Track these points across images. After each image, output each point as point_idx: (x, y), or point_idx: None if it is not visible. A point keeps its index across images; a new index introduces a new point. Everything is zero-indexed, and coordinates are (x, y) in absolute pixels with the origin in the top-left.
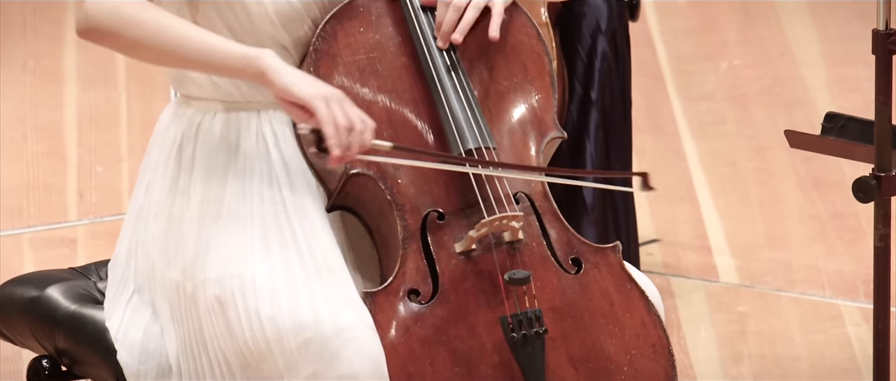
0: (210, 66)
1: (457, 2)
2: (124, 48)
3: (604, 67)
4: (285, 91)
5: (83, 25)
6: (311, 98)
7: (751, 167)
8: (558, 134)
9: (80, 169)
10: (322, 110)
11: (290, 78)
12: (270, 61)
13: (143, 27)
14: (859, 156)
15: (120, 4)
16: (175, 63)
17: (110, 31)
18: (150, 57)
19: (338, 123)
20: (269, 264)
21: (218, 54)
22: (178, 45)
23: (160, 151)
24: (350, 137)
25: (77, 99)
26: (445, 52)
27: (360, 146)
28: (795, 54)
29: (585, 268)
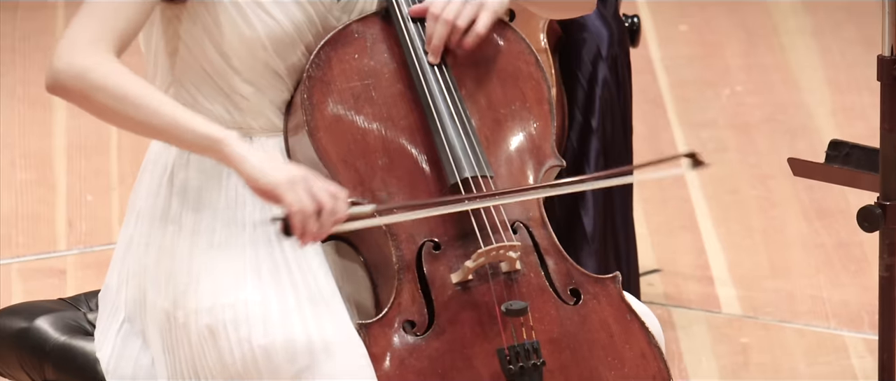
0: (176, 140)
1: (445, 15)
2: (91, 111)
3: (605, 94)
4: (249, 179)
5: (51, 83)
6: (276, 186)
7: (753, 196)
8: (557, 162)
9: (70, 197)
10: (288, 199)
11: (254, 166)
12: (234, 147)
13: (110, 94)
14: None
15: (89, 68)
16: (140, 132)
17: (77, 93)
18: (116, 123)
19: (305, 209)
20: (262, 293)
21: (184, 132)
22: (144, 117)
23: (151, 179)
24: (319, 220)
25: (66, 126)
26: (442, 80)
27: (334, 222)
28: (799, 81)
29: (584, 299)
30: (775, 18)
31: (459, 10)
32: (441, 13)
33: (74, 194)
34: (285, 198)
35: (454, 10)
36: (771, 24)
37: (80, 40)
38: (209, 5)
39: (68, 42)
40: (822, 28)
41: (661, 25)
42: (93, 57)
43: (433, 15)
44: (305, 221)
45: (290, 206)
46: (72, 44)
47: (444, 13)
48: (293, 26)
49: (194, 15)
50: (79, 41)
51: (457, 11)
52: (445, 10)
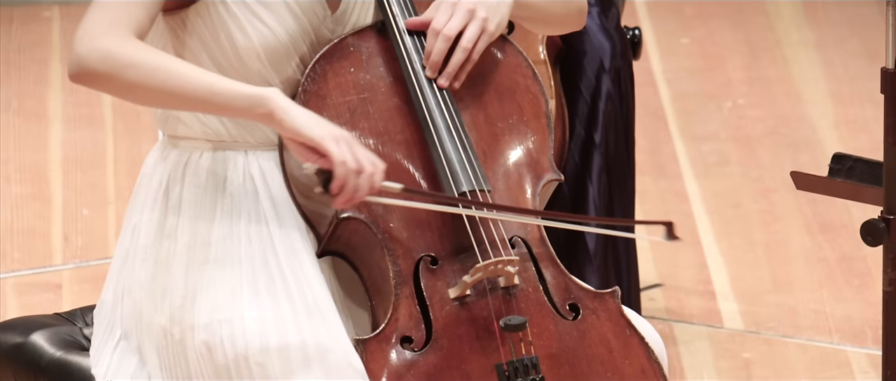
0: (214, 105)
1: (446, 32)
2: (120, 91)
3: (608, 109)
4: (295, 132)
5: (76, 69)
6: (322, 139)
7: (756, 209)
8: (555, 176)
9: (66, 212)
10: (334, 152)
11: (300, 118)
12: (279, 101)
13: (141, 69)
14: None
15: (114, 46)
16: (176, 104)
17: (105, 75)
18: (148, 99)
19: (348, 165)
20: (258, 308)
21: (223, 94)
22: (179, 86)
23: (147, 193)
24: (358, 180)
25: (62, 140)
26: (439, 93)
27: (369, 189)
28: (801, 93)
29: (583, 314)
30: (778, 31)
31: (461, 28)
32: (443, 29)
33: (70, 209)
34: (331, 151)
35: (456, 26)
36: (773, 36)
37: (99, 27)
38: (205, 15)
39: (86, 30)
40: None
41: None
42: (115, 38)
43: (434, 30)
44: (347, 176)
45: (334, 159)
46: (91, 31)
47: (446, 29)
48: (287, 35)
49: (191, 26)
50: (97, 27)
51: (459, 29)
52: (447, 27)
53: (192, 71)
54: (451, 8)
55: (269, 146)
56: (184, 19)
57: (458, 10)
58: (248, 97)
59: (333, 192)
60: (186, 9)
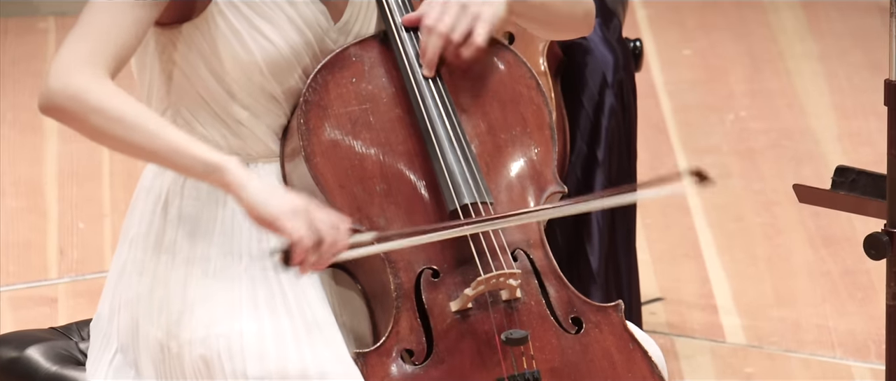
0: (174, 165)
1: (440, 28)
2: (85, 132)
3: (611, 125)
4: (249, 208)
5: (44, 102)
6: (275, 217)
7: (758, 223)
8: (558, 188)
9: (61, 225)
10: (288, 230)
11: (254, 194)
12: (235, 174)
13: (107, 116)
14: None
15: (84, 89)
16: (136, 156)
17: (71, 115)
18: (111, 145)
19: (304, 243)
20: (257, 322)
21: (182, 157)
22: (140, 140)
23: (144, 206)
24: (319, 252)
25: (58, 152)
26: (441, 104)
27: (332, 256)
28: (804, 106)
29: (586, 328)
30: (780, 43)
31: (454, 23)
32: (435, 26)
33: (66, 222)
34: (285, 229)
35: (449, 22)
36: (776, 48)
37: (75, 60)
38: (204, 30)
39: (62, 62)
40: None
41: (664, 50)
42: (88, 78)
43: (427, 27)
44: (305, 252)
45: (290, 237)
46: (66, 64)
47: (439, 26)
48: (290, 49)
49: (189, 40)
50: (73, 61)
51: (452, 24)
52: (440, 23)
53: (157, 127)
54: (443, 4)
55: (271, 158)
56: (180, 32)
57: (450, 6)
58: (205, 164)
59: (294, 266)
60: (186, 23)
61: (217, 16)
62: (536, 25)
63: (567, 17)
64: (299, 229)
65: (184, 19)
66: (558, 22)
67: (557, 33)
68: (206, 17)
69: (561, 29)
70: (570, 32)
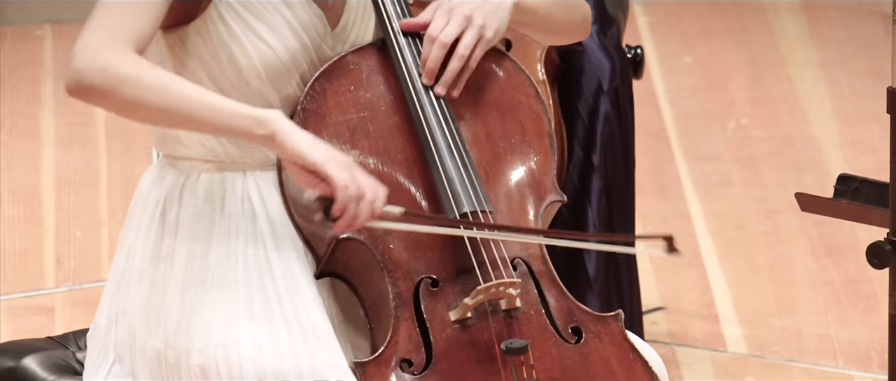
0: (214, 126)
1: (442, 38)
2: (118, 107)
3: (606, 130)
4: (296, 155)
5: (74, 84)
6: (324, 163)
7: (760, 231)
8: (557, 197)
9: (58, 234)
10: (335, 176)
11: (301, 141)
12: (281, 123)
13: (141, 85)
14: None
15: (113, 61)
16: (175, 123)
17: (104, 90)
18: (146, 116)
19: (349, 191)
20: (254, 331)
21: (223, 114)
22: (178, 104)
23: (142, 214)
24: (359, 206)
25: (55, 160)
26: (440, 112)
27: (370, 215)
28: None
29: (586, 337)
30: (782, 50)
31: (458, 33)
32: (439, 36)
33: (63, 230)
34: (332, 175)
35: (453, 32)
36: (777, 55)
37: (98, 40)
38: (204, 33)
39: (85, 44)
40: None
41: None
42: (114, 53)
43: (430, 37)
44: (348, 202)
45: (336, 183)
46: (89, 44)
47: (442, 36)
48: (288, 54)
49: (190, 45)
50: (96, 41)
51: (455, 35)
52: (443, 33)
53: (193, 90)
54: (447, 14)
55: (268, 167)
56: (182, 37)
57: (455, 17)
58: (250, 118)
59: (334, 216)
60: (185, 26)
61: (216, 18)
62: (536, 31)
63: (566, 23)
64: (345, 177)
65: (185, 21)
66: (557, 28)
67: (556, 38)
68: (206, 19)
69: (559, 34)
70: (568, 37)
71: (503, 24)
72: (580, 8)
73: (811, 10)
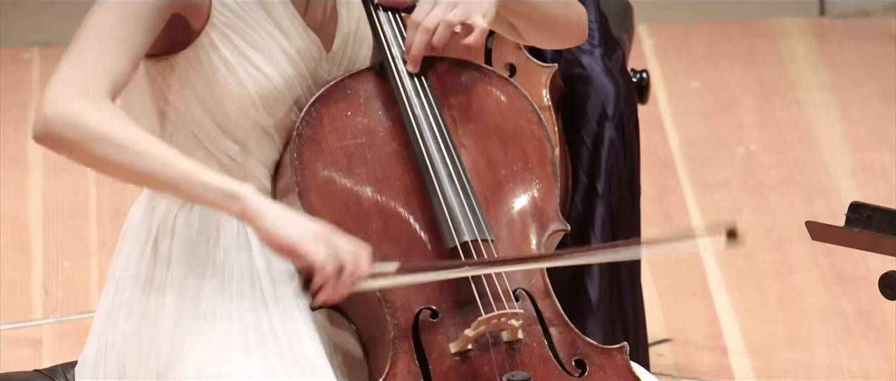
0: (184, 193)
1: (426, 24)
2: (86, 161)
3: (611, 157)
4: (268, 235)
5: (41, 132)
6: (297, 242)
7: (769, 261)
8: (561, 226)
9: (46, 263)
10: (310, 254)
11: (274, 220)
12: (252, 202)
13: (112, 144)
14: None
15: (84, 115)
16: (143, 183)
17: (72, 143)
18: (116, 174)
19: (327, 270)
20: (248, 365)
21: (195, 184)
22: (150, 168)
23: (133, 245)
24: (340, 280)
25: (43, 187)
26: (440, 139)
27: (351, 285)
28: (817, 138)
29: (590, 370)
30: (791, 73)
31: (443, 18)
32: (422, 21)
33: (51, 260)
34: (307, 254)
35: (436, 18)
36: (787, 79)
37: (71, 87)
38: (195, 62)
39: (57, 89)
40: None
41: (672, 81)
42: (87, 103)
43: (414, 22)
44: (326, 278)
45: (312, 262)
46: (62, 90)
47: (426, 22)
48: (283, 81)
49: (181, 74)
50: (69, 87)
51: (438, 21)
52: (427, 19)
53: (167, 154)
54: (432, 3)
55: (263, 194)
56: (171, 65)
57: (440, 4)
58: (220, 191)
59: (314, 292)
60: (174, 55)
61: (208, 47)
62: (528, 26)
63: (561, 20)
64: (321, 253)
65: (175, 50)
66: (550, 22)
67: (550, 37)
68: (197, 48)
69: (555, 33)
70: (561, 37)
71: (489, 10)
72: (575, 7)
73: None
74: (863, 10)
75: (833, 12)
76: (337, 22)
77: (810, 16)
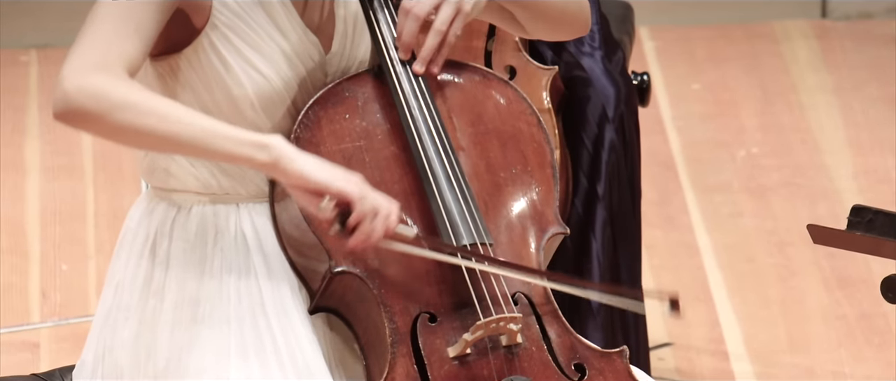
0: (213, 152)
1: (416, 11)
2: (109, 132)
3: (611, 159)
4: (302, 178)
5: (62, 107)
6: (334, 180)
7: (770, 264)
8: (560, 230)
9: (44, 267)
10: (350, 189)
11: (306, 163)
12: (283, 148)
13: (135, 110)
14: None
15: (105, 84)
16: (171, 149)
17: (95, 115)
18: (139, 142)
19: (363, 205)
20: (246, 370)
21: (223, 140)
22: (175, 130)
23: (131, 248)
24: (374, 222)
25: (40, 191)
26: (439, 141)
27: (385, 230)
28: (818, 141)
29: (590, 374)
30: (793, 75)
31: (433, 7)
32: (413, 8)
33: (48, 263)
34: (346, 190)
35: (428, 4)
36: (789, 81)
37: (88, 61)
38: (195, 63)
39: (74, 65)
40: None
41: (673, 83)
42: (106, 76)
43: (405, 10)
44: (365, 213)
45: (349, 194)
46: (79, 66)
47: (417, 9)
48: (283, 83)
49: (181, 74)
50: (87, 62)
51: (430, 8)
52: (417, 6)
53: (189, 115)
54: None
55: (262, 198)
56: (172, 66)
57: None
58: (250, 144)
59: (350, 227)
60: (175, 55)
61: (208, 47)
62: (529, 17)
63: (559, 9)
64: (358, 190)
65: (175, 49)
66: (552, 15)
67: (554, 28)
68: (197, 48)
69: (556, 23)
70: (566, 27)
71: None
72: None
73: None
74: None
75: (835, 14)
76: (334, 23)
77: (812, 18)
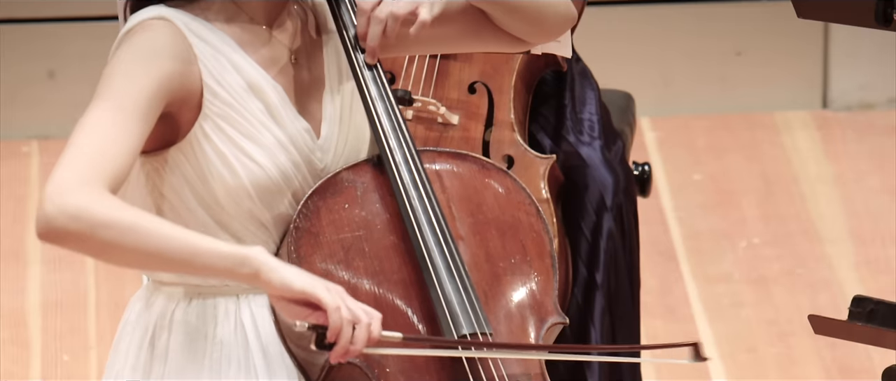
0: (195, 267)
1: (377, 13)
2: (93, 251)
3: (609, 247)
4: (284, 287)
5: (44, 228)
6: (313, 289)
7: (772, 354)
8: (559, 319)
9: (45, 357)
10: (327, 299)
11: (288, 272)
12: (263, 259)
13: (116, 228)
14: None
15: (86, 204)
16: (154, 266)
17: (76, 235)
18: (124, 260)
19: (342, 313)
20: None
21: (205, 256)
22: (156, 246)
23: (130, 340)
24: (355, 332)
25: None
26: (439, 232)
27: (366, 340)
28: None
29: None
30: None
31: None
32: (375, 12)
33: (49, 354)
34: (323, 299)
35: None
36: (790, 171)
37: (70, 180)
38: (190, 154)
39: (56, 184)
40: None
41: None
42: (87, 195)
43: (363, 11)
44: (343, 326)
45: (328, 305)
46: (61, 185)
47: (377, 11)
48: (278, 172)
49: (176, 167)
50: (68, 181)
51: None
52: (378, 9)
53: (171, 230)
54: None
55: (261, 290)
56: (166, 159)
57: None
58: (231, 257)
59: (329, 343)
60: (168, 149)
61: (202, 138)
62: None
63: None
64: (336, 301)
65: (168, 144)
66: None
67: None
68: (191, 139)
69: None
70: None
71: None
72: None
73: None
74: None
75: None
76: (322, 108)
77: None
